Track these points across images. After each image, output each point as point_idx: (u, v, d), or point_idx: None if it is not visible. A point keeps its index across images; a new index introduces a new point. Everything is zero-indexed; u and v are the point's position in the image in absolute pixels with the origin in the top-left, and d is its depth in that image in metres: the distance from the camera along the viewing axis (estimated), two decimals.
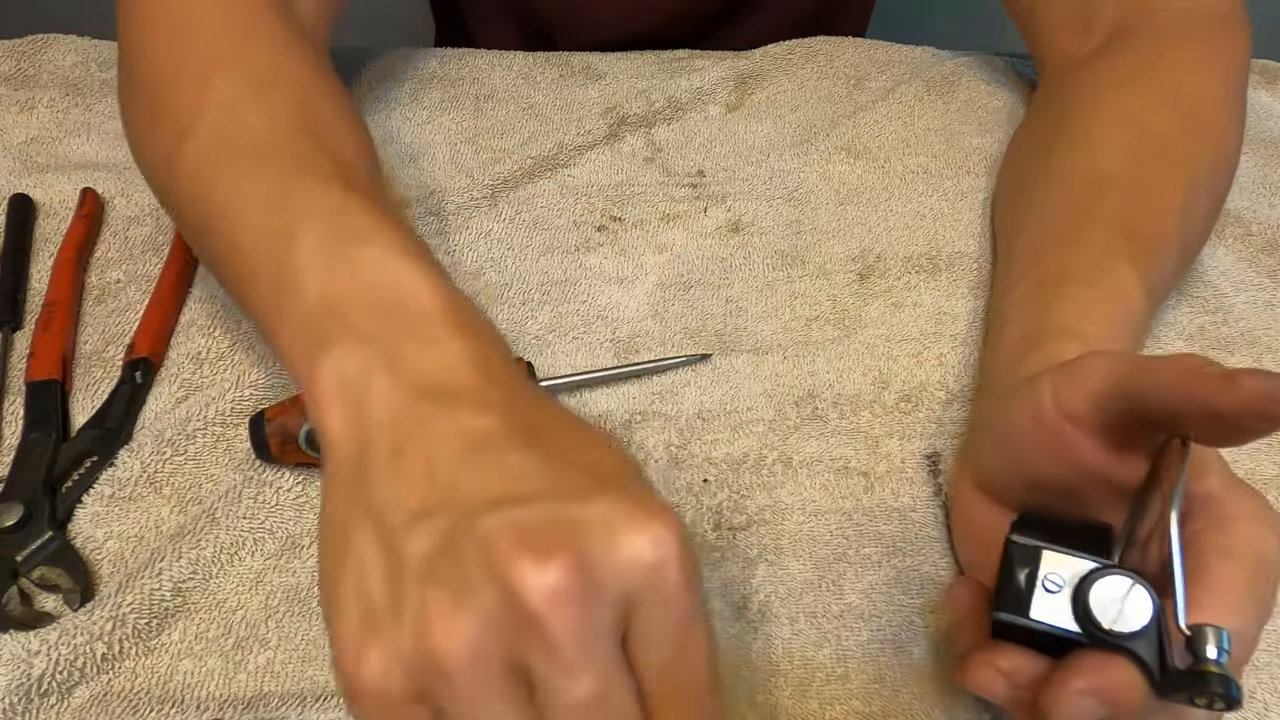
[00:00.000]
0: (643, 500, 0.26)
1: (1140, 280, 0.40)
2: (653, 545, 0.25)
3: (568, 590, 0.24)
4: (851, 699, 0.37)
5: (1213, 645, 0.26)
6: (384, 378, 0.30)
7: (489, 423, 0.28)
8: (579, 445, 0.29)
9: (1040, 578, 0.29)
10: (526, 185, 0.56)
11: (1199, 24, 0.50)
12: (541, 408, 0.31)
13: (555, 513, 0.26)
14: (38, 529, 0.40)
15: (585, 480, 0.27)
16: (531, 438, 0.28)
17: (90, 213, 0.52)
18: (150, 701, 0.36)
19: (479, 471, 0.27)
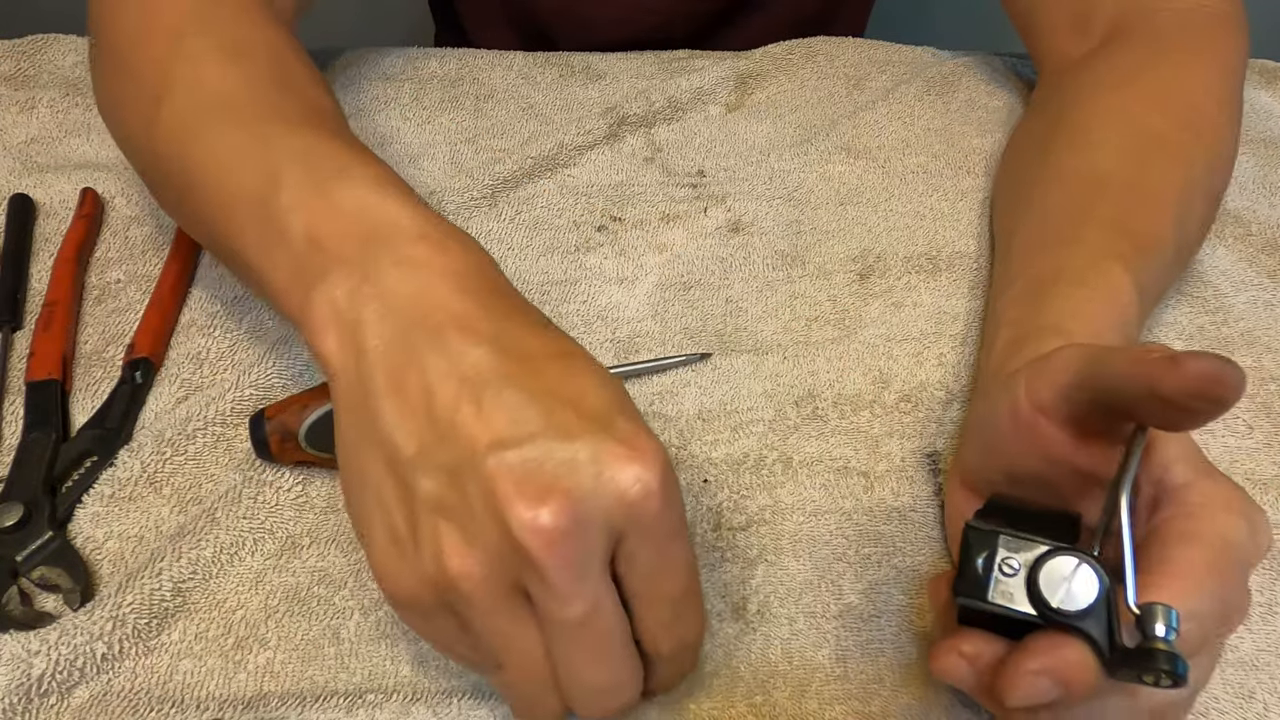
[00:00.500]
0: (627, 436, 0.29)
1: (1133, 280, 0.40)
2: (635, 481, 0.29)
3: (558, 530, 0.28)
4: (851, 699, 0.37)
5: (1161, 624, 0.26)
6: (373, 304, 0.32)
7: (479, 354, 0.30)
8: (568, 375, 0.31)
9: (997, 562, 0.29)
10: (526, 185, 0.56)
11: (1197, 24, 0.50)
12: (531, 330, 0.32)
13: (546, 454, 0.29)
14: (38, 529, 0.40)
15: (574, 418, 0.29)
16: (523, 370, 0.30)
17: (90, 213, 0.52)
18: (150, 701, 0.36)
19: (476, 409, 0.29)
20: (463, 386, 0.30)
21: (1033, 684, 0.28)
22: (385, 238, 0.33)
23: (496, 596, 0.29)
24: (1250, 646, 0.39)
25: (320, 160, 0.37)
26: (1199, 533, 0.29)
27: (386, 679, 0.37)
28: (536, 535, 0.28)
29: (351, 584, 0.40)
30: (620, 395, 0.31)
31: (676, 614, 0.32)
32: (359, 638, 0.38)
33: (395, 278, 0.32)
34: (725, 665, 0.38)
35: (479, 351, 0.30)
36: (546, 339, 0.32)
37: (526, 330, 0.32)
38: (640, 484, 0.28)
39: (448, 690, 0.37)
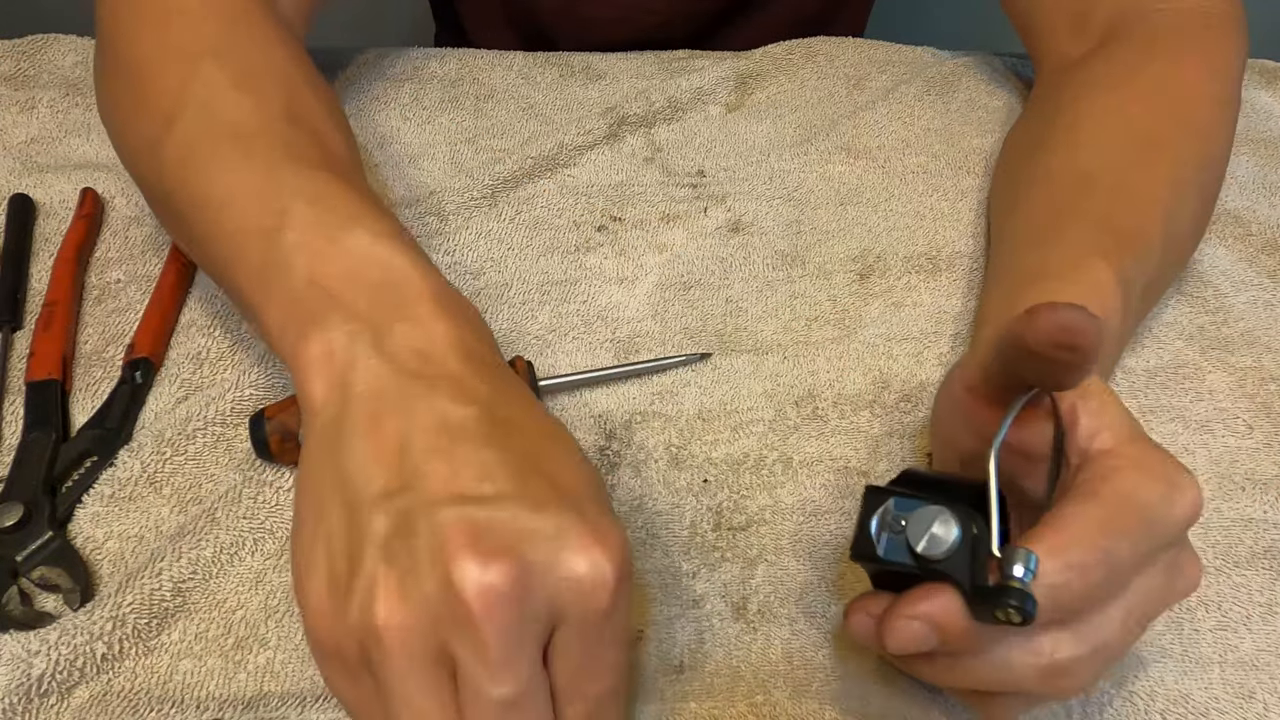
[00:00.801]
0: (596, 522, 0.28)
1: (1116, 275, 0.40)
2: (591, 567, 0.27)
3: (503, 593, 0.26)
4: (850, 699, 0.37)
5: (1020, 565, 0.27)
6: (370, 352, 0.31)
7: (467, 413, 0.30)
8: (550, 453, 0.30)
9: (888, 521, 0.30)
10: (526, 185, 0.56)
11: (1193, 24, 0.50)
12: (523, 407, 0.32)
13: (510, 517, 0.27)
14: (38, 529, 0.40)
15: (547, 491, 0.29)
16: (506, 437, 0.30)
17: (90, 213, 0.52)
18: (150, 701, 0.36)
19: (449, 461, 0.29)
20: (440, 438, 0.29)
21: (906, 628, 0.30)
22: (395, 291, 0.33)
23: (418, 658, 0.27)
24: (1250, 646, 0.39)
25: (332, 204, 0.36)
26: (1099, 491, 0.30)
27: None
28: (481, 593, 0.26)
29: None
30: (596, 481, 0.31)
31: (597, 716, 0.29)
32: None
33: (400, 332, 0.32)
34: (725, 665, 0.38)
35: (467, 411, 0.30)
36: (537, 415, 0.32)
37: (519, 404, 0.32)
38: (597, 572, 0.27)
39: None
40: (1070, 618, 0.29)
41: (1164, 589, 0.31)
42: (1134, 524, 0.29)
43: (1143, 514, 0.29)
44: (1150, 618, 0.31)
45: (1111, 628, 0.30)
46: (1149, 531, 0.30)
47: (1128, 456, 0.31)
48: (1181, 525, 0.30)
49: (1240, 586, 0.40)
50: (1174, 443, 0.45)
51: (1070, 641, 0.29)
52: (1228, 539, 0.42)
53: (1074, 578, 0.28)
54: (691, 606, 0.39)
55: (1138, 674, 0.38)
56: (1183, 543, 0.32)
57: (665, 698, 0.37)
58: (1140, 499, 0.30)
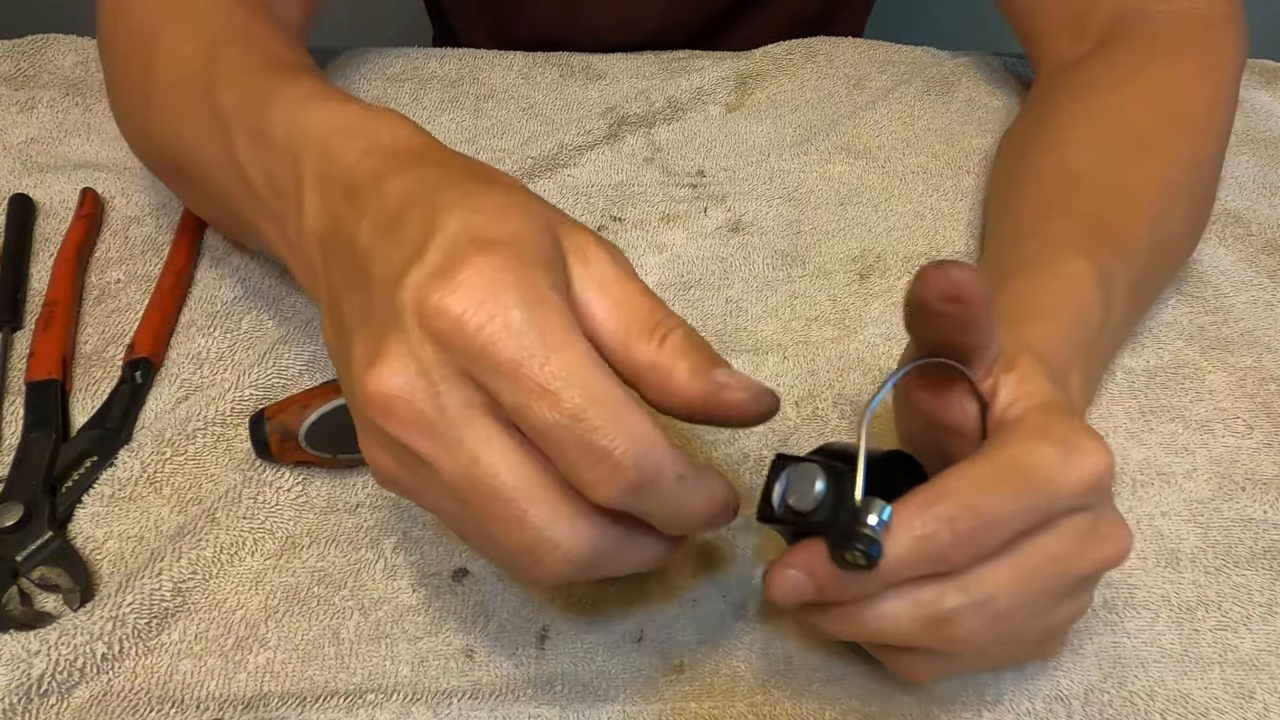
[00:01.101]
0: (441, 261, 0.27)
1: (1094, 270, 0.40)
2: (437, 314, 0.27)
3: (390, 396, 0.27)
4: (850, 699, 0.37)
5: (874, 515, 0.29)
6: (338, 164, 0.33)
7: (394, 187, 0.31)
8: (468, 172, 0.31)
9: (790, 483, 0.32)
10: (527, 185, 0.56)
11: (1190, 25, 0.50)
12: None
13: (457, 230, 0.28)
14: (37, 529, 0.40)
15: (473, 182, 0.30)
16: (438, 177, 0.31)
17: (90, 213, 0.52)
18: (150, 701, 0.36)
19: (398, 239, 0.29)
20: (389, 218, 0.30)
21: (783, 577, 0.31)
22: (320, 150, 0.34)
23: (455, 410, 0.27)
24: (1250, 646, 0.39)
25: (253, 104, 0.38)
26: (988, 454, 0.31)
27: (386, 679, 0.37)
28: (372, 401, 0.27)
29: (351, 584, 0.40)
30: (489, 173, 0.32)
31: (587, 447, 0.27)
32: (359, 638, 0.38)
33: (340, 166, 0.33)
34: (725, 665, 0.38)
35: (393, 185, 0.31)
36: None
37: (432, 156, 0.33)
38: (443, 317, 0.26)
39: (448, 690, 0.37)
40: (950, 570, 0.30)
41: (1071, 553, 0.31)
42: (1016, 484, 0.30)
43: (1028, 475, 0.30)
44: (1060, 581, 0.31)
45: (999, 583, 0.30)
46: (1035, 492, 0.30)
47: (1030, 423, 0.32)
48: (1079, 490, 0.30)
49: (1240, 586, 0.40)
50: (1174, 443, 0.45)
51: (953, 593, 0.30)
52: (1228, 539, 0.42)
53: (941, 529, 0.29)
54: (691, 606, 0.39)
55: (1138, 674, 0.38)
56: (1100, 510, 0.32)
57: (665, 698, 0.37)
58: (1028, 461, 0.30)
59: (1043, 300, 0.40)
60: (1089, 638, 0.39)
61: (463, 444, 0.27)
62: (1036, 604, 0.31)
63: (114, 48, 0.48)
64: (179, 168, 0.44)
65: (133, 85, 0.46)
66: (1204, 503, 0.43)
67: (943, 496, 0.30)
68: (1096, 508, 0.31)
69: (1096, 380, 0.41)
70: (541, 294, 0.27)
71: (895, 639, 0.31)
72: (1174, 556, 0.41)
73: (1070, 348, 0.38)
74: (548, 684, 0.37)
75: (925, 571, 0.30)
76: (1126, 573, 0.41)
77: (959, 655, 0.32)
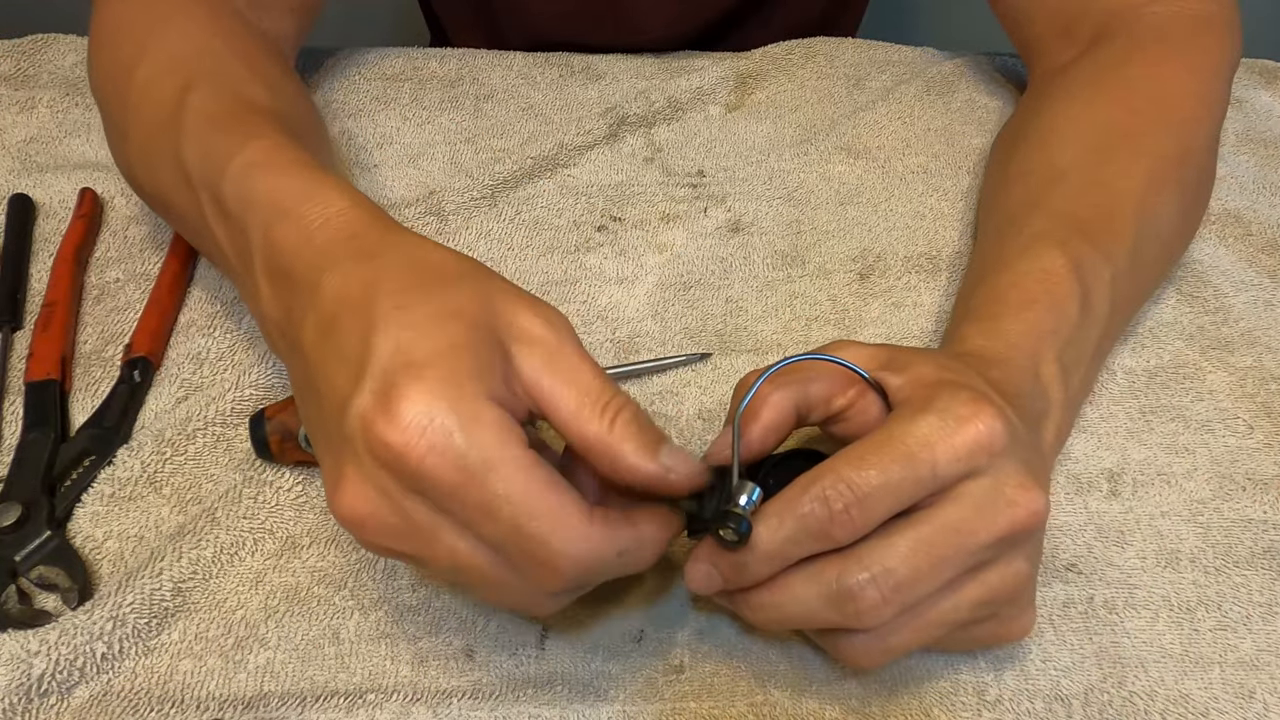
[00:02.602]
0: (380, 387, 0.29)
1: (1069, 262, 0.41)
2: (383, 446, 0.29)
3: (355, 519, 0.30)
4: (850, 698, 0.37)
5: (744, 496, 0.31)
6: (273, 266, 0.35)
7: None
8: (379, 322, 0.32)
9: (699, 498, 0.34)
10: (526, 185, 0.56)
11: (1178, 26, 0.51)
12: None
13: (395, 362, 0.30)
14: (36, 528, 0.40)
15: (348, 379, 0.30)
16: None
17: (89, 213, 0.52)
18: (150, 701, 0.36)
19: (345, 364, 0.31)
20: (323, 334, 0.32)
21: (694, 569, 0.34)
22: (263, 237, 0.36)
23: (410, 525, 0.30)
24: (1250, 646, 0.39)
25: (210, 167, 0.39)
26: (871, 434, 0.32)
27: (386, 679, 0.37)
28: (347, 521, 0.30)
29: (351, 584, 0.40)
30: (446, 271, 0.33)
31: (528, 557, 0.30)
32: (359, 638, 0.38)
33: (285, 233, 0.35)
34: (725, 665, 0.38)
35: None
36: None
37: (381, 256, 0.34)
38: (387, 449, 0.28)
39: (448, 690, 0.37)
40: (843, 545, 0.31)
41: (972, 520, 0.31)
42: (888, 455, 0.31)
43: (901, 446, 0.31)
44: (966, 548, 0.31)
45: (896, 554, 0.31)
46: (910, 460, 0.31)
47: (915, 400, 0.33)
48: (961, 454, 0.31)
49: (1240, 586, 0.40)
50: (1174, 443, 0.45)
51: (850, 567, 0.31)
52: (1228, 539, 0.42)
53: (817, 506, 0.31)
54: (691, 606, 0.39)
55: (1138, 674, 0.38)
56: (1000, 474, 0.32)
57: (665, 698, 0.37)
58: (902, 433, 0.31)
59: (1014, 294, 0.40)
60: (1089, 638, 0.39)
61: (437, 544, 0.30)
62: (943, 573, 0.32)
63: (95, 70, 0.49)
64: (162, 205, 0.46)
65: (112, 116, 0.48)
66: (1204, 503, 0.43)
67: (820, 474, 0.31)
68: (993, 471, 0.32)
69: (1087, 368, 0.42)
70: (475, 411, 0.29)
71: (809, 619, 0.32)
72: (1174, 556, 0.41)
73: (1039, 337, 0.39)
74: (548, 684, 0.37)
75: (814, 548, 0.31)
76: (1126, 573, 0.41)
77: (881, 632, 0.32)
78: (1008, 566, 0.33)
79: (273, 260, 0.35)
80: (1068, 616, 0.39)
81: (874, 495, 0.31)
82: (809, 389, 0.35)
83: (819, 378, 0.35)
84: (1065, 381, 0.39)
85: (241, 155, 0.38)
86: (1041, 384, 0.38)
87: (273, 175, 0.37)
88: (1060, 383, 0.39)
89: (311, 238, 0.34)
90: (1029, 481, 0.32)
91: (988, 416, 0.31)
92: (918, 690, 0.37)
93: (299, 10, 0.54)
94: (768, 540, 0.31)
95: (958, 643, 0.37)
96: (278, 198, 0.36)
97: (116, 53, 0.47)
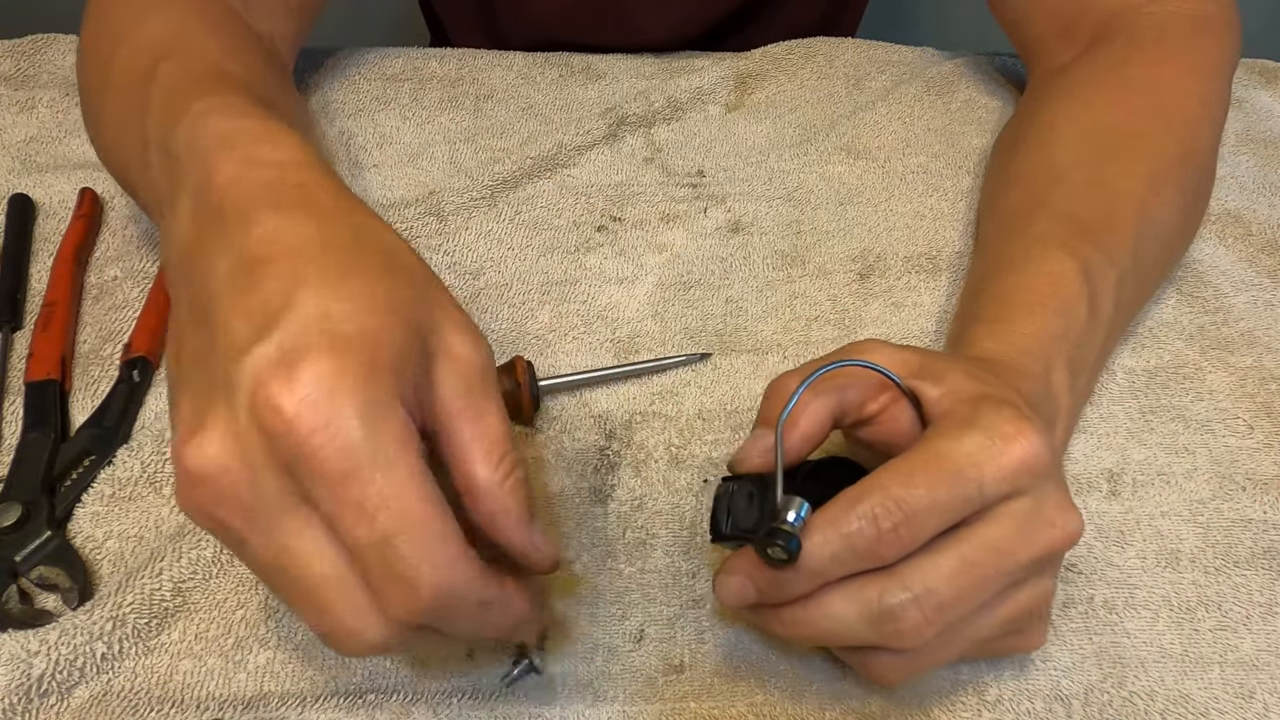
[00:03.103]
0: (280, 354, 0.26)
1: (1077, 265, 0.41)
2: (271, 412, 0.26)
3: (201, 476, 0.27)
4: (850, 699, 0.37)
5: (792, 512, 0.30)
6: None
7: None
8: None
9: (730, 502, 0.34)
10: (526, 185, 0.56)
11: (1177, 26, 0.51)
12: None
13: (301, 327, 0.27)
14: (36, 528, 0.40)
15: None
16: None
17: (89, 212, 0.52)
18: (150, 701, 0.36)
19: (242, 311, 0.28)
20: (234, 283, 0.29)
21: (726, 583, 0.33)
22: (201, 160, 0.33)
23: (271, 497, 0.27)
24: (1250, 646, 0.39)
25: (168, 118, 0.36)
26: (914, 448, 0.31)
27: (386, 679, 0.37)
28: (186, 470, 0.27)
29: None
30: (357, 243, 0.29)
31: (390, 570, 0.26)
32: None
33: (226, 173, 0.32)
34: (725, 665, 0.38)
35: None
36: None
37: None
38: (276, 413, 0.25)
39: (448, 690, 0.37)
40: (885, 564, 0.31)
41: (1013, 540, 0.31)
42: (939, 473, 0.30)
43: (950, 465, 0.30)
44: (1005, 568, 0.31)
45: (939, 574, 0.31)
46: (959, 479, 0.30)
47: (957, 415, 0.32)
48: (1008, 475, 0.31)
49: (1240, 586, 0.40)
50: (1174, 443, 0.45)
51: (893, 587, 0.30)
52: (1228, 539, 0.42)
53: (865, 524, 0.30)
54: (691, 606, 0.39)
55: (1138, 674, 0.38)
56: (1041, 494, 0.32)
57: (665, 698, 0.37)
58: (949, 451, 0.31)
59: (1023, 297, 0.40)
60: (1089, 638, 0.39)
61: (274, 531, 0.27)
62: (983, 593, 0.31)
63: (81, 63, 0.49)
64: (125, 179, 0.45)
65: (91, 104, 0.47)
66: (1204, 503, 0.43)
67: (868, 492, 0.30)
68: (1035, 492, 0.31)
69: (1091, 371, 0.42)
70: (381, 405, 0.26)
71: (845, 638, 0.32)
72: (1174, 556, 0.41)
73: (1050, 341, 0.39)
74: (548, 684, 0.37)
75: (859, 567, 0.31)
76: (1126, 573, 0.41)
77: (918, 651, 0.32)
78: (1040, 585, 0.33)
79: (205, 185, 0.31)
80: (1068, 616, 0.39)
81: (922, 514, 0.30)
82: (845, 396, 0.34)
83: (853, 384, 0.34)
84: (1072, 386, 0.39)
85: (205, 101, 0.36)
86: (1052, 390, 0.38)
87: (232, 116, 0.34)
88: (1068, 387, 0.39)
89: (256, 172, 0.31)
90: (1067, 502, 0.32)
91: (1033, 435, 0.31)
92: (918, 690, 0.37)
93: (298, 10, 0.54)
94: (813, 557, 0.30)
95: (975, 654, 0.36)
96: (229, 131, 0.33)
97: (99, 45, 0.47)
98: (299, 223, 0.29)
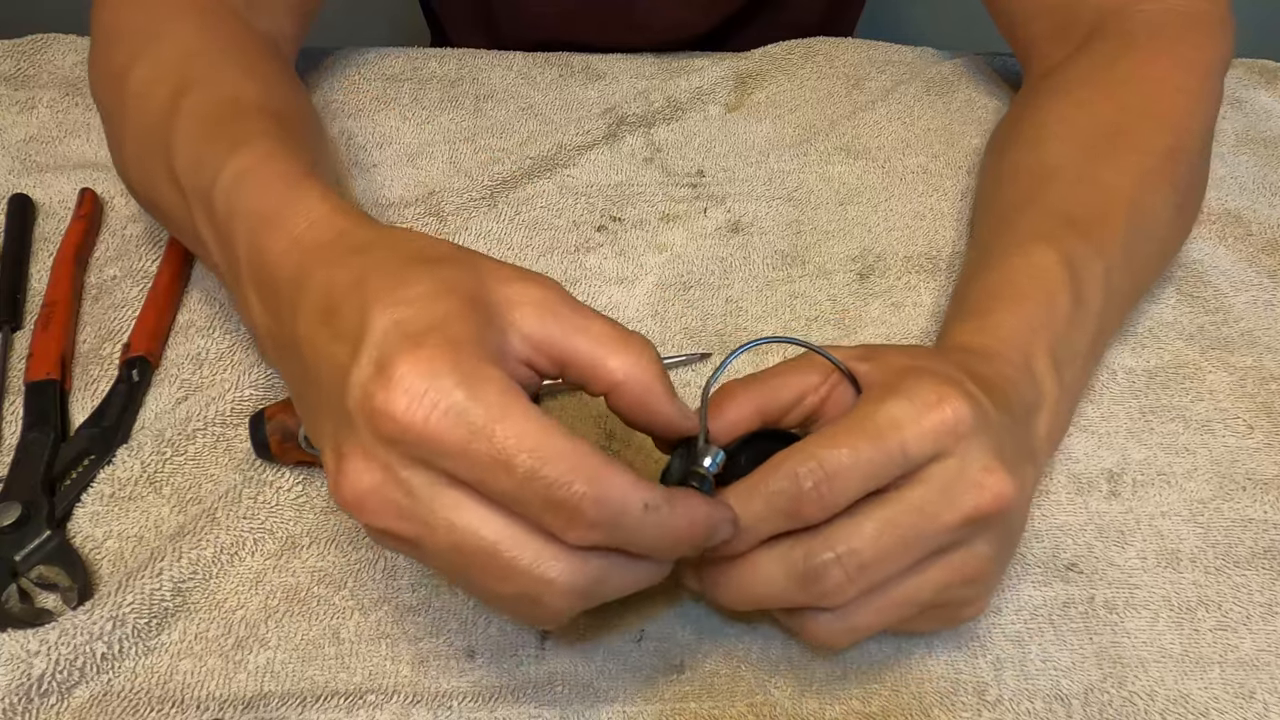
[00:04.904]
0: (380, 363, 0.29)
1: (1060, 257, 0.41)
2: (381, 416, 0.28)
3: (352, 492, 0.29)
4: (850, 698, 0.37)
5: (709, 459, 0.33)
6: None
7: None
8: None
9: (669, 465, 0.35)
10: (526, 185, 0.56)
11: (1170, 23, 0.51)
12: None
13: (389, 335, 0.29)
14: (36, 528, 0.40)
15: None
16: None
17: (89, 213, 0.52)
18: (150, 701, 0.36)
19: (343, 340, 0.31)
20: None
21: None
22: (249, 245, 0.36)
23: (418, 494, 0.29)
24: (1250, 646, 0.39)
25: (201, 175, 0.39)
26: (844, 416, 0.33)
27: (386, 679, 0.37)
28: (348, 504, 0.29)
29: (351, 584, 0.40)
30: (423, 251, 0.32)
31: (547, 501, 0.28)
32: (359, 638, 0.38)
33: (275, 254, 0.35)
34: (725, 665, 0.38)
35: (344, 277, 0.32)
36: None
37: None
38: (388, 419, 0.28)
39: (448, 690, 0.37)
40: (814, 523, 0.32)
41: (936, 501, 0.32)
42: (858, 435, 0.31)
43: (871, 426, 0.31)
44: (929, 530, 0.32)
45: (862, 534, 0.31)
46: (880, 441, 0.31)
47: (884, 384, 0.33)
48: (929, 436, 0.31)
49: (1240, 586, 0.40)
50: (1174, 443, 0.45)
51: (817, 547, 0.32)
52: (1228, 539, 0.42)
53: (788, 484, 0.31)
54: (691, 606, 0.39)
55: (1138, 674, 0.38)
56: (967, 457, 0.32)
57: (665, 698, 0.37)
58: (872, 414, 0.32)
59: (1005, 290, 0.41)
60: (1089, 638, 0.39)
61: (437, 515, 0.29)
62: (909, 554, 0.32)
63: (94, 74, 0.49)
64: (156, 210, 0.46)
65: (110, 121, 0.48)
66: (1204, 503, 0.43)
67: (793, 453, 0.31)
68: (960, 454, 0.32)
69: (1083, 363, 0.42)
70: (476, 369, 0.28)
71: (777, 598, 0.33)
72: (1174, 556, 0.41)
73: (1030, 331, 0.39)
74: (548, 684, 0.37)
75: (785, 526, 0.32)
76: (1127, 573, 0.41)
77: (846, 611, 0.33)
78: (971, 550, 0.33)
79: (260, 268, 0.35)
80: (1068, 616, 0.39)
81: (844, 473, 0.31)
82: (778, 394, 0.35)
83: (787, 384, 0.35)
84: (1058, 375, 0.39)
85: (231, 164, 0.38)
86: (1034, 376, 0.38)
87: (259, 185, 0.37)
88: (1053, 376, 0.39)
89: (298, 240, 0.34)
90: (995, 465, 0.32)
91: (955, 399, 0.32)
92: (918, 690, 0.37)
93: (297, 10, 0.55)
94: (741, 516, 0.32)
95: (919, 624, 0.36)
96: (262, 206, 0.36)
97: (112, 57, 0.47)
98: (347, 267, 0.32)
